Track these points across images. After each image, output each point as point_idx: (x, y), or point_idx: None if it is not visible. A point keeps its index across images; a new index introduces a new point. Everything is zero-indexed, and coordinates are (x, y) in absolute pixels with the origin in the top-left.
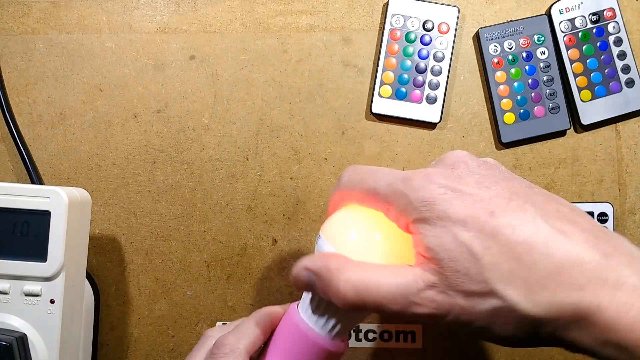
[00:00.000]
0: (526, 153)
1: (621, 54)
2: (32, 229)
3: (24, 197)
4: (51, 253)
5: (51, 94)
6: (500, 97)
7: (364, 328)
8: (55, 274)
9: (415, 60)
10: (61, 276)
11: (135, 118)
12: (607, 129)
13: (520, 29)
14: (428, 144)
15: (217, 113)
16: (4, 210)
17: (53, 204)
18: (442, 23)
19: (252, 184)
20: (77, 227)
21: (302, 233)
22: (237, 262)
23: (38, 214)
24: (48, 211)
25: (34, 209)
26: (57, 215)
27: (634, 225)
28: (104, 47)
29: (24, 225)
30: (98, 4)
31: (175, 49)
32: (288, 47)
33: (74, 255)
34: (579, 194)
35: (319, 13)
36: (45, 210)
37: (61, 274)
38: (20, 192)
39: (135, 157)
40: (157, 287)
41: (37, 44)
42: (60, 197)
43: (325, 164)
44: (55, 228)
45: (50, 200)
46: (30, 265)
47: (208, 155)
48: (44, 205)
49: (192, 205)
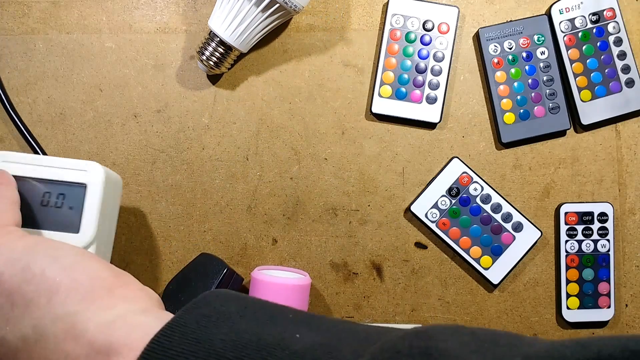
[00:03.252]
0: (526, 153)
1: (621, 54)
2: (67, 201)
3: (61, 169)
4: (84, 225)
5: (51, 94)
6: (500, 97)
7: None
8: (86, 246)
9: (415, 60)
10: (91, 249)
11: (135, 118)
12: (607, 129)
13: (520, 29)
14: (428, 144)
15: (217, 113)
16: (40, 181)
17: (90, 178)
18: (442, 23)
19: (252, 184)
20: (109, 203)
21: (302, 233)
22: (237, 262)
23: (74, 186)
24: (84, 184)
25: (71, 180)
26: (93, 189)
27: (634, 225)
28: (104, 47)
29: (58, 197)
30: (98, 4)
31: (175, 49)
32: (288, 47)
33: (105, 230)
34: (579, 194)
35: (319, 13)
36: (82, 183)
37: (92, 246)
38: (58, 164)
39: (135, 157)
40: (157, 288)
41: (37, 44)
42: (98, 171)
43: (325, 164)
44: (90, 201)
45: (87, 173)
46: (62, 236)
47: (208, 155)
48: (81, 177)
49: (192, 205)
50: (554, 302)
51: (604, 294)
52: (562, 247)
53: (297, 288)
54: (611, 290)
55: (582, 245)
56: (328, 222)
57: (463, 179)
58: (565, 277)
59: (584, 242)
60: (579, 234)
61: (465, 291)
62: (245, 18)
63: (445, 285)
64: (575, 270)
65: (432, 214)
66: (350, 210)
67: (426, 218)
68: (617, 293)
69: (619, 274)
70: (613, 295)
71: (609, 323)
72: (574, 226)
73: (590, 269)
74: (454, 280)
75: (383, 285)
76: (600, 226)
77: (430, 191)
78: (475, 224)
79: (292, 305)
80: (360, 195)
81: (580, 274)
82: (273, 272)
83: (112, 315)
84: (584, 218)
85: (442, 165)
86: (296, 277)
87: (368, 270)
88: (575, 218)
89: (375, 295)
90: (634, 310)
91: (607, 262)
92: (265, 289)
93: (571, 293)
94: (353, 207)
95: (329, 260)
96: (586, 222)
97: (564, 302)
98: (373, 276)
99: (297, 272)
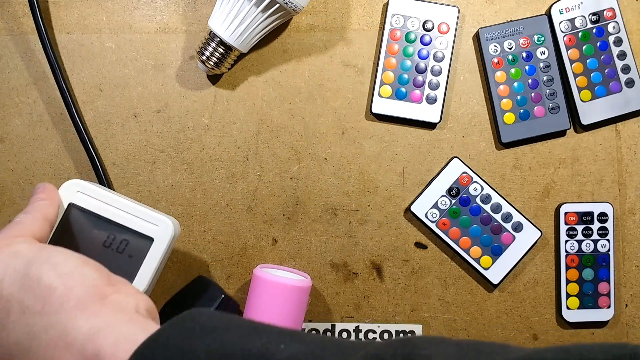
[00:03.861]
0: (526, 153)
1: (621, 54)
2: (129, 249)
3: (132, 217)
4: (140, 276)
5: (51, 94)
6: (500, 97)
7: (364, 328)
8: None
9: (415, 60)
10: None
11: (135, 118)
12: (607, 129)
13: (520, 29)
14: (428, 144)
15: (217, 113)
16: (109, 222)
17: (159, 233)
18: (442, 23)
19: (252, 184)
20: (166, 257)
21: (302, 233)
22: (237, 262)
23: (141, 237)
24: (152, 238)
25: (139, 231)
26: (158, 245)
27: (633, 225)
28: (104, 47)
29: (122, 242)
30: (98, 4)
31: (175, 49)
32: (288, 47)
33: (154, 282)
34: (579, 194)
35: (319, 13)
36: (149, 237)
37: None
38: (132, 211)
39: (135, 157)
40: (157, 287)
41: (37, 44)
42: (168, 229)
43: (325, 164)
44: (151, 255)
45: (158, 228)
46: None
47: (208, 155)
48: (150, 230)
49: (192, 205)
50: (553, 302)
51: (603, 294)
52: (562, 247)
53: (298, 289)
54: (611, 290)
55: (582, 245)
56: (328, 222)
57: (463, 179)
58: (565, 277)
59: (584, 242)
60: (579, 234)
61: (465, 291)
62: (246, 18)
63: (445, 285)
64: (575, 270)
65: (432, 214)
66: (350, 210)
67: (426, 218)
68: (617, 293)
69: (619, 274)
70: (613, 295)
71: (608, 323)
72: (574, 226)
73: (590, 269)
74: (453, 280)
75: (383, 285)
76: (600, 226)
77: (430, 191)
78: (475, 224)
79: (291, 306)
80: (360, 195)
81: (580, 274)
82: (275, 271)
83: (101, 324)
84: (584, 218)
85: (442, 165)
86: (298, 278)
87: (368, 270)
88: (575, 218)
89: (375, 295)
90: (633, 310)
91: (607, 262)
92: (266, 287)
93: (571, 293)
94: (353, 207)
95: (329, 260)
96: (586, 222)
97: (563, 302)
98: (373, 276)
99: (299, 273)
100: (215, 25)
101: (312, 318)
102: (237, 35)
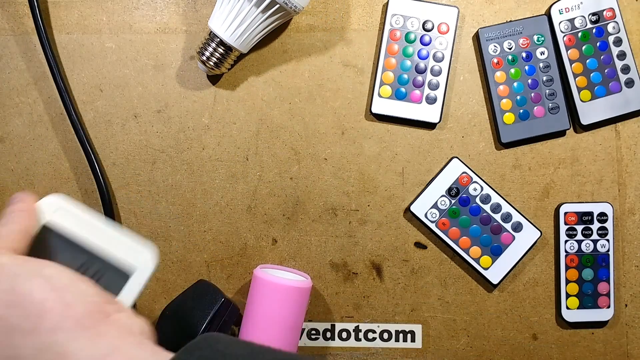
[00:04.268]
0: (526, 153)
1: (621, 54)
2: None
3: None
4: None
5: (51, 94)
6: (499, 97)
7: (363, 328)
8: None
9: (415, 61)
10: None
11: (135, 118)
12: (606, 129)
13: (520, 29)
14: (428, 144)
15: (217, 113)
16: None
17: (137, 269)
18: (441, 23)
19: (252, 184)
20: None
21: (302, 233)
22: (237, 262)
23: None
24: (127, 274)
25: (115, 264)
26: (136, 279)
27: (633, 225)
28: (104, 47)
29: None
30: (98, 4)
31: (175, 49)
32: (288, 48)
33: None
34: (579, 194)
35: (318, 13)
36: (125, 272)
37: None
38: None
39: (135, 157)
40: (157, 287)
41: (37, 44)
42: (148, 265)
43: (325, 164)
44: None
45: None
46: None
47: (208, 155)
48: (128, 261)
49: (192, 205)
50: (553, 302)
51: (603, 294)
52: (561, 247)
53: (298, 290)
54: (611, 290)
55: (581, 245)
56: (328, 222)
57: (463, 179)
58: (565, 277)
59: (584, 242)
60: (579, 234)
61: (465, 291)
62: (246, 19)
63: (445, 285)
64: (575, 270)
65: (431, 214)
66: (350, 210)
67: (426, 218)
68: (616, 293)
69: (619, 274)
70: (613, 295)
71: (608, 323)
72: (574, 226)
73: (589, 269)
74: (453, 280)
75: (383, 285)
76: (599, 226)
77: (430, 191)
78: (474, 224)
79: (291, 306)
80: (360, 195)
81: (579, 274)
82: (275, 271)
83: (108, 347)
84: (583, 218)
85: (441, 165)
86: (298, 278)
87: (368, 270)
88: (575, 218)
89: (375, 295)
90: (633, 310)
91: (606, 262)
92: (266, 288)
93: (571, 293)
94: (353, 207)
95: (328, 260)
96: (586, 222)
97: (563, 302)
98: (373, 276)
99: (299, 274)
100: (215, 25)
101: (312, 318)
102: (237, 36)
